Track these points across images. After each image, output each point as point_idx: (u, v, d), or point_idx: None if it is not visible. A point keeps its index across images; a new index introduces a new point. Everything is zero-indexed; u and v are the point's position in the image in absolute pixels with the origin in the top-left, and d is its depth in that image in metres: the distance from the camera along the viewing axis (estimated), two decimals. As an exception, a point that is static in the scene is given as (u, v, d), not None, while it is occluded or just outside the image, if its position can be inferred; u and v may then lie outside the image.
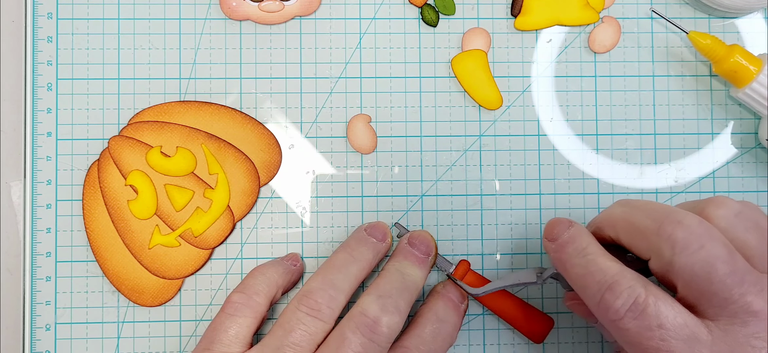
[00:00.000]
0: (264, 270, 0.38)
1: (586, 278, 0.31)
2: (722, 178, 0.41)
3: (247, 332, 0.35)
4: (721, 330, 0.29)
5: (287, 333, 0.34)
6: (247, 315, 0.35)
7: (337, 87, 0.41)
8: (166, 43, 0.41)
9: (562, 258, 0.33)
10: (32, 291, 0.40)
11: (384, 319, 0.33)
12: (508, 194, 0.41)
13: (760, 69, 0.38)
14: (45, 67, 0.40)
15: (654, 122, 0.41)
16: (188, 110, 0.40)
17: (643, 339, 0.29)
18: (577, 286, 0.32)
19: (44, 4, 0.41)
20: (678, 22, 0.40)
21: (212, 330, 0.35)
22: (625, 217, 0.32)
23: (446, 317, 0.37)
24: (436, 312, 0.37)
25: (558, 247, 0.33)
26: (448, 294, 0.38)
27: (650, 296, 0.29)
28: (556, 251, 0.33)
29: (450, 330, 0.37)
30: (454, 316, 0.37)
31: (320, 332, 0.34)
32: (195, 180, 0.40)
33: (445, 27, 0.41)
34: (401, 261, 0.37)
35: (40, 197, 0.40)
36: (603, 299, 0.30)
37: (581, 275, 0.32)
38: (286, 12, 0.41)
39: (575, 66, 0.41)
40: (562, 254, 0.33)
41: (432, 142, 0.41)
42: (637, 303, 0.29)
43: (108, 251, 0.40)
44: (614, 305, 0.30)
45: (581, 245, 0.32)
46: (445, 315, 0.37)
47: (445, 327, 0.37)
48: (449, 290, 0.38)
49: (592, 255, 0.32)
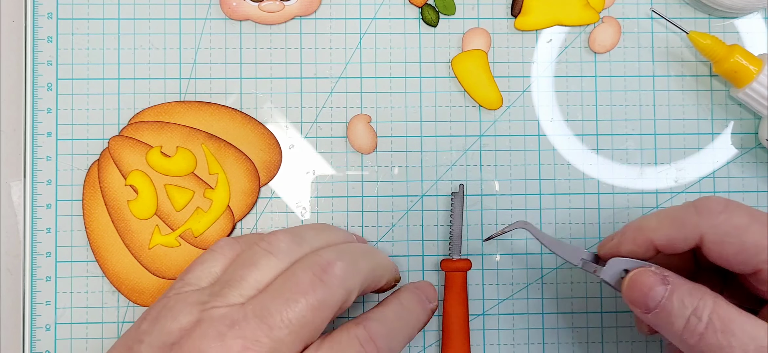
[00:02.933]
0: (262, 234, 0.37)
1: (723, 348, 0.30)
2: (722, 178, 0.41)
3: (220, 270, 0.34)
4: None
5: (241, 266, 0.33)
6: (227, 255, 0.35)
7: (337, 87, 0.41)
8: (166, 43, 0.41)
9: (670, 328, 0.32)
10: (32, 291, 0.40)
11: (339, 264, 0.32)
12: (508, 194, 0.41)
13: (760, 69, 0.38)
14: (45, 67, 0.40)
15: (654, 122, 0.41)
16: (188, 110, 0.40)
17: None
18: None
19: (44, 4, 0.41)
20: (678, 22, 0.40)
21: (194, 262, 0.35)
22: (659, 218, 0.33)
23: (410, 305, 0.36)
24: (400, 299, 0.36)
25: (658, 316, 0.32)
26: (416, 288, 0.38)
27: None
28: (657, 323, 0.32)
29: (412, 321, 0.36)
30: (417, 308, 0.37)
31: (273, 270, 0.33)
32: (195, 181, 0.40)
33: (445, 27, 0.41)
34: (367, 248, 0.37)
35: (40, 197, 0.40)
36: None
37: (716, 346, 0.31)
38: (286, 12, 0.41)
39: (575, 66, 0.41)
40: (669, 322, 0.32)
41: (432, 142, 0.41)
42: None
43: (108, 251, 0.40)
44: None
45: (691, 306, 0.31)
46: (408, 303, 0.36)
47: (406, 314, 0.36)
48: (420, 286, 0.38)
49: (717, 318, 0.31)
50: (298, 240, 0.34)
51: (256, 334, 0.30)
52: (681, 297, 0.31)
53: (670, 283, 0.32)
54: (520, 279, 0.41)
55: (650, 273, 0.32)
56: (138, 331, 0.33)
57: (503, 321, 0.41)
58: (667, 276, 0.32)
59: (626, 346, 0.41)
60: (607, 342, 0.41)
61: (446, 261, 0.40)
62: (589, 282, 0.41)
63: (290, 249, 0.34)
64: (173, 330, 0.31)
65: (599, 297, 0.41)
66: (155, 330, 0.32)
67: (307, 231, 0.36)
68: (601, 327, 0.41)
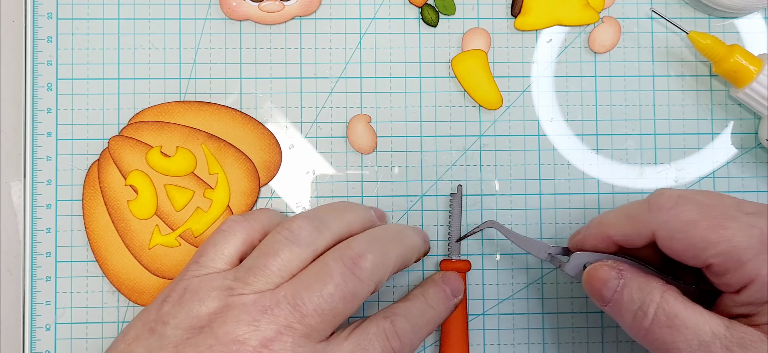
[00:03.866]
0: (271, 209, 0.39)
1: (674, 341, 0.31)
2: (722, 178, 0.41)
3: (234, 251, 0.35)
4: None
5: (264, 254, 0.34)
6: (239, 236, 0.36)
7: (337, 87, 0.41)
8: (166, 43, 0.41)
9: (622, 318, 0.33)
10: (32, 291, 0.40)
11: (369, 257, 0.33)
12: (508, 194, 0.41)
13: (760, 69, 0.38)
14: (45, 67, 0.40)
15: (654, 122, 0.41)
16: (188, 110, 0.40)
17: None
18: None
19: (44, 4, 0.41)
20: (678, 22, 0.40)
21: (205, 243, 0.36)
22: (616, 214, 0.33)
23: (435, 304, 0.37)
24: (426, 295, 0.37)
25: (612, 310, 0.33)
26: (442, 283, 0.38)
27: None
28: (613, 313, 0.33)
29: (435, 318, 0.37)
30: (441, 305, 0.37)
31: (296, 259, 0.34)
32: (195, 180, 0.40)
33: (445, 27, 0.41)
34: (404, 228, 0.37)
35: (40, 197, 0.40)
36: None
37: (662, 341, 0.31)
38: (286, 12, 0.41)
39: (575, 66, 0.41)
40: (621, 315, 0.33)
41: (432, 142, 0.41)
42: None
43: (108, 251, 0.40)
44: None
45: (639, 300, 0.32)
46: (433, 300, 0.37)
47: (431, 312, 0.36)
48: (445, 279, 0.38)
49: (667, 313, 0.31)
50: (319, 225, 0.35)
51: (288, 320, 0.32)
52: (631, 292, 0.32)
53: (623, 277, 0.33)
54: (520, 279, 0.41)
55: (606, 267, 0.33)
56: (160, 313, 0.33)
57: (503, 321, 0.41)
58: (622, 270, 0.33)
59: (626, 346, 0.41)
60: (607, 342, 0.41)
61: (445, 261, 0.40)
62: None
63: (311, 236, 0.34)
64: (202, 314, 0.32)
65: (599, 297, 0.41)
66: (182, 313, 0.33)
67: (327, 214, 0.36)
68: (601, 327, 0.41)
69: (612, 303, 0.33)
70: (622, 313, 0.32)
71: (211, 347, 0.31)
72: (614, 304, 0.33)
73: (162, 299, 0.34)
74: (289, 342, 0.31)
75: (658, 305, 0.31)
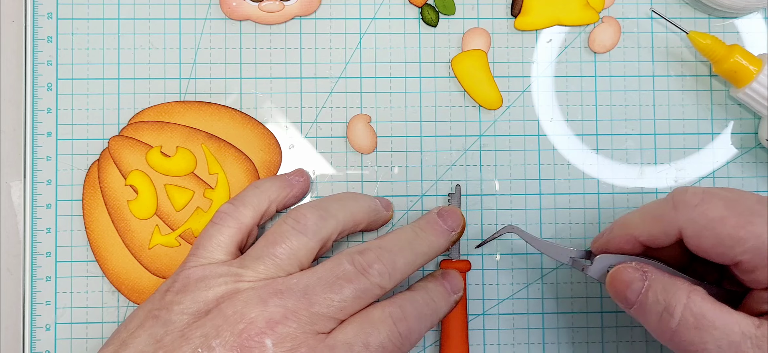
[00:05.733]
0: (259, 183, 0.39)
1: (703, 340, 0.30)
2: (722, 178, 0.41)
3: (229, 241, 0.36)
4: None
5: (272, 243, 0.34)
6: (231, 225, 0.36)
7: (337, 87, 0.41)
8: (166, 43, 0.41)
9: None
10: (32, 291, 0.40)
11: (376, 266, 0.34)
12: (508, 194, 0.41)
13: (760, 69, 0.38)
14: (45, 67, 0.40)
15: (654, 122, 0.41)
16: (188, 110, 0.41)
17: None
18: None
19: (44, 4, 0.41)
20: (678, 22, 0.40)
21: (200, 237, 0.36)
22: (640, 215, 0.33)
23: (435, 295, 0.37)
24: (427, 288, 0.37)
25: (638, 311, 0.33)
26: (443, 278, 0.38)
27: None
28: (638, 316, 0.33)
29: (436, 311, 0.36)
30: (442, 300, 0.37)
31: (303, 248, 0.34)
32: (195, 180, 0.40)
33: (445, 27, 0.41)
34: (422, 225, 0.37)
35: (40, 197, 0.40)
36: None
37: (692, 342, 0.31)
38: (286, 12, 0.41)
39: (575, 66, 0.41)
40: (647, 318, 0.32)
41: (432, 142, 0.41)
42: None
43: (108, 251, 0.40)
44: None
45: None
46: (434, 293, 0.37)
47: (432, 305, 0.36)
48: (446, 276, 0.38)
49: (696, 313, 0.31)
50: (324, 214, 0.35)
51: (297, 306, 0.32)
52: (656, 293, 0.31)
53: (647, 278, 0.32)
54: (520, 279, 0.41)
55: (630, 268, 0.33)
56: (163, 301, 0.34)
57: (503, 321, 0.41)
58: (647, 271, 0.32)
59: (626, 346, 0.41)
60: (607, 342, 0.41)
61: (446, 261, 0.40)
62: (589, 282, 0.41)
63: (318, 226, 0.35)
64: (209, 298, 0.33)
65: (599, 297, 0.41)
66: (187, 299, 0.33)
67: (331, 204, 0.37)
68: (601, 327, 0.41)
69: (637, 305, 0.32)
70: (648, 315, 0.32)
71: (218, 327, 0.32)
72: (639, 306, 0.32)
73: (164, 289, 0.34)
74: (294, 326, 0.32)
75: (685, 306, 0.30)
